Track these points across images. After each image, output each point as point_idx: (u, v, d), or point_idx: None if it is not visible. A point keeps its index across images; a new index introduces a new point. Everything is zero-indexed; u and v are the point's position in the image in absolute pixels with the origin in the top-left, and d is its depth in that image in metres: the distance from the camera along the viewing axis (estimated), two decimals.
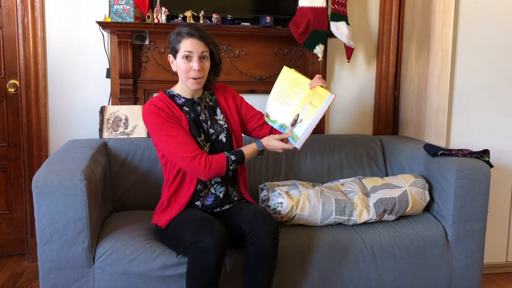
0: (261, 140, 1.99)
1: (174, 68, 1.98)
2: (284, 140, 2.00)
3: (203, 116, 2.00)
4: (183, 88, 2.00)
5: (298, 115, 2.01)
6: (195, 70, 1.88)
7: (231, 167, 1.90)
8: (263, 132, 2.13)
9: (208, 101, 2.06)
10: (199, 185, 1.94)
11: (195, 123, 1.96)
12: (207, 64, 1.94)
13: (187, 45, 1.89)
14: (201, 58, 1.90)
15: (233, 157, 1.89)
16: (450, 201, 2.17)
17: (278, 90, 2.13)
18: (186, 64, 1.90)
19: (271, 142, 1.97)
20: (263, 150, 1.98)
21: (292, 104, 2.06)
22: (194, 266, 1.73)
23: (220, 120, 2.04)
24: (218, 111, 2.06)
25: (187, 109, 1.98)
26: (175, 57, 1.94)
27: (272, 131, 2.12)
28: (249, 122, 2.13)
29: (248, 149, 1.95)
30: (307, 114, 1.97)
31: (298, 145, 1.96)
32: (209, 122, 2.01)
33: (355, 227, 2.17)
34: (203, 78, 1.95)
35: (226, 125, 2.04)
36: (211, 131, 2.00)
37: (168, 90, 2.03)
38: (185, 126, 1.92)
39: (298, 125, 1.98)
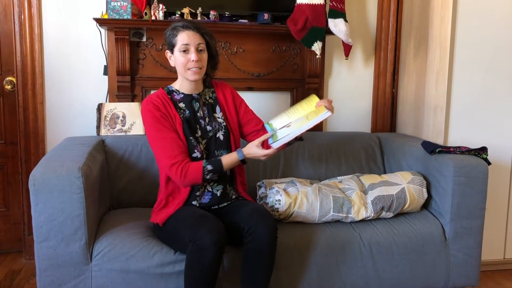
0: (243, 149, 1.92)
1: (172, 63, 1.98)
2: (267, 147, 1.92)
3: (201, 113, 2.01)
4: (183, 84, 2.01)
5: (290, 122, 1.96)
6: (193, 61, 1.90)
7: (208, 177, 1.87)
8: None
9: (208, 98, 2.06)
10: None
11: (192, 120, 1.97)
12: (205, 55, 1.95)
13: (184, 37, 1.90)
14: (198, 49, 1.92)
15: (209, 167, 1.86)
16: (448, 198, 2.18)
17: (292, 107, 2.07)
18: (184, 57, 1.91)
19: (252, 150, 1.89)
20: (244, 160, 1.92)
21: (293, 116, 2.01)
22: (192, 263, 1.73)
23: (219, 117, 2.04)
24: (218, 108, 2.06)
25: (184, 105, 1.99)
26: (172, 52, 1.95)
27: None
28: (246, 126, 2.11)
29: (228, 158, 1.90)
30: (297, 123, 1.92)
31: (275, 145, 1.87)
32: (207, 119, 2.01)
33: (353, 224, 2.17)
34: (202, 69, 1.95)
35: (224, 123, 2.04)
36: (209, 128, 2.00)
37: (168, 86, 2.03)
38: (179, 126, 1.92)
39: (284, 129, 1.94)
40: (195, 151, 1.94)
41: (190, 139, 1.93)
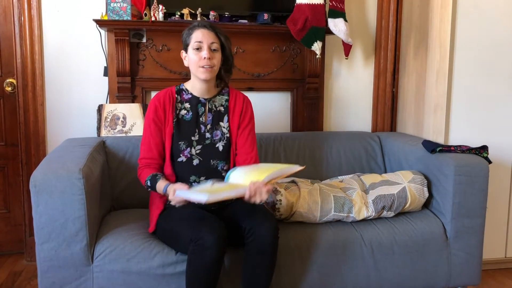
0: (171, 184, 1.83)
1: (186, 63, 2.00)
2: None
3: (203, 119, 2.01)
4: (194, 85, 2.02)
5: (215, 183, 1.80)
6: (205, 58, 1.90)
7: (149, 190, 1.95)
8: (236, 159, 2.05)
9: (217, 105, 2.05)
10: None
11: (193, 123, 1.99)
12: (218, 55, 1.96)
13: (198, 35, 1.92)
14: (211, 48, 1.93)
15: (148, 183, 1.92)
16: (449, 197, 2.17)
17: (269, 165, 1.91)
18: (197, 55, 1.92)
19: (170, 190, 1.78)
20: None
21: (245, 176, 1.79)
22: (194, 263, 1.72)
23: (224, 127, 2.03)
24: (226, 118, 2.04)
25: (189, 106, 2.01)
26: (186, 51, 1.97)
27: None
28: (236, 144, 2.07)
29: (162, 184, 1.87)
30: (214, 187, 1.76)
31: (177, 193, 1.74)
32: (208, 126, 2.01)
33: (354, 224, 2.17)
34: (214, 68, 1.95)
35: (228, 135, 2.03)
36: (207, 135, 2.00)
37: (180, 84, 2.06)
38: (169, 131, 1.96)
39: (205, 186, 1.79)
40: (181, 155, 1.97)
41: (179, 144, 1.97)
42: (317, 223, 2.15)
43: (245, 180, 1.75)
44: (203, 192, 1.66)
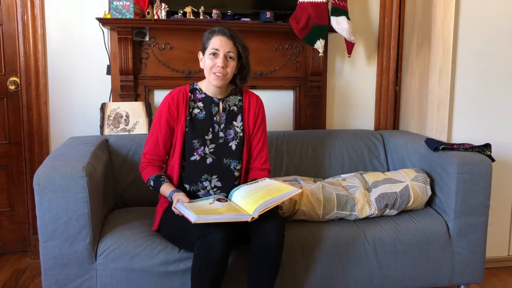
0: (176, 193, 1.87)
1: (201, 65, 2.01)
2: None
3: (217, 118, 2.02)
4: (208, 86, 2.03)
5: (215, 201, 1.86)
6: (218, 66, 1.91)
7: (151, 189, 1.99)
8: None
9: (231, 104, 2.06)
10: (186, 185, 1.99)
11: (207, 122, 2.00)
12: (232, 64, 1.96)
13: (216, 42, 1.93)
14: (227, 57, 1.93)
15: (152, 183, 1.97)
16: (451, 195, 2.17)
17: (271, 185, 1.90)
18: (212, 61, 1.93)
19: (175, 198, 1.85)
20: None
21: (246, 198, 1.82)
22: (200, 260, 1.73)
23: (237, 126, 2.04)
24: (239, 117, 2.06)
25: (202, 105, 2.02)
26: (204, 53, 1.98)
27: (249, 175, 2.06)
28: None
29: (166, 189, 1.91)
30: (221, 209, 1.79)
31: (178, 206, 1.79)
32: (222, 125, 2.02)
33: (356, 222, 2.17)
34: (226, 77, 1.96)
35: (241, 134, 2.04)
36: (221, 134, 2.01)
37: (194, 83, 2.07)
38: (180, 130, 1.97)
39: (209, 200, 1.86)
40: (194, 153, 1.98)
41: (192, 142, 1.98)
42: (320, 221, 2.15)
43: (244, 203, 1.80)
44: (193, 213, 1.69)
